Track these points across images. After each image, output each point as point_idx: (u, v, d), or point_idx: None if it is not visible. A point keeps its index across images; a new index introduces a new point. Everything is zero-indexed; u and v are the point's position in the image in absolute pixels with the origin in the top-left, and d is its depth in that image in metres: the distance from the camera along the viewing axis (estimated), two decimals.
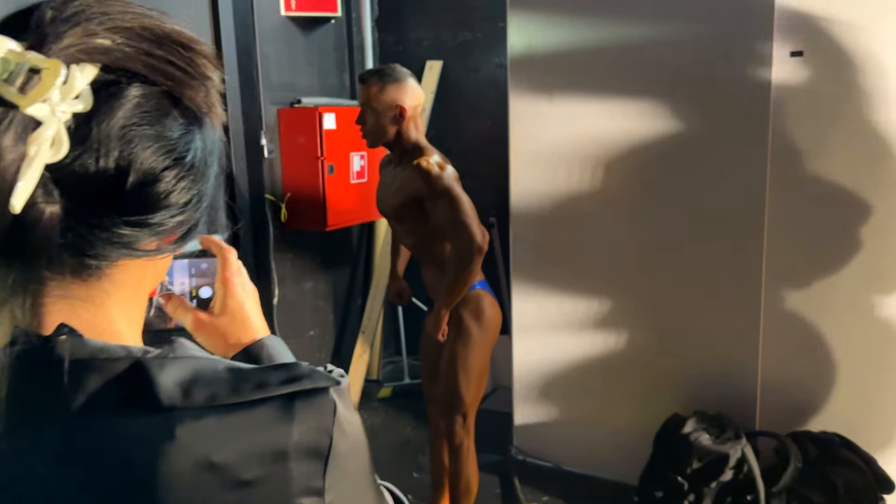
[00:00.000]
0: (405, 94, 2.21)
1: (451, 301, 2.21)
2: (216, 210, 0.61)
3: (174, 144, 0.52)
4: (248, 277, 0.79)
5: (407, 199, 2.21)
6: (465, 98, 3.91)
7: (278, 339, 0.77)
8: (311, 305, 3.69)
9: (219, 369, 0.52)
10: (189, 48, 0.54)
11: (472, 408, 2.31)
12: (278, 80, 3.40)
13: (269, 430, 0.51)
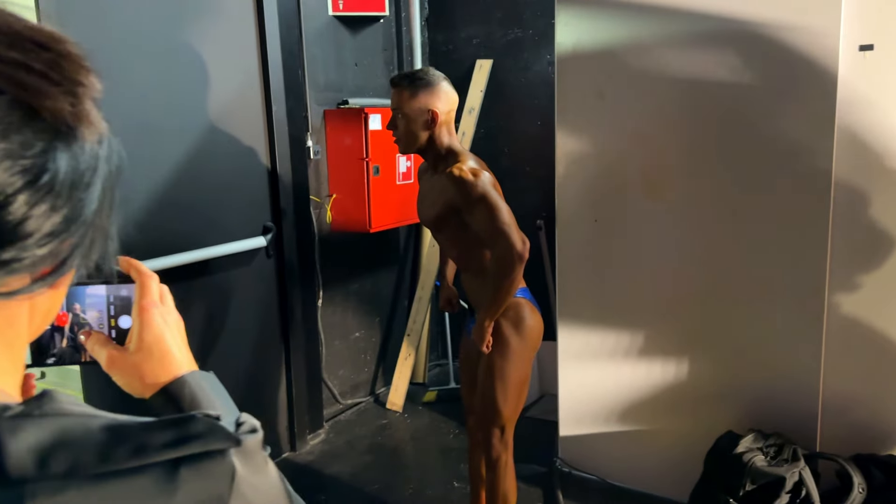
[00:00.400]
0: (437, 99, 2.13)
1: (494, 312, 2.12)
2: (105, 235, 0.53)
3: (29, 164, 0.44)
4: (174, 305, 0.71)
5: (444, 210, 2.14)
6: (516, 96, 3.82)
7: (206, 374, 0.68)
8: (356, 307, 3.66)
9: (92, 429, 0.44)
10: (49, 48, 0.47)
11: (510, 421, 2.22)
12: (325, 80, 3.38)
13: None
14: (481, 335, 2.15)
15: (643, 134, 2.64)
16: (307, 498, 2.57)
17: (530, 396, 3.72)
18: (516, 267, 2.03)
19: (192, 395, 0.65)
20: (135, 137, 2.50)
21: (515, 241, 2.01)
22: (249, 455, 0.47)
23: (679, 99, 2.55)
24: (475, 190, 2.02)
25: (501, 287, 2.07)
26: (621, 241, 2.75)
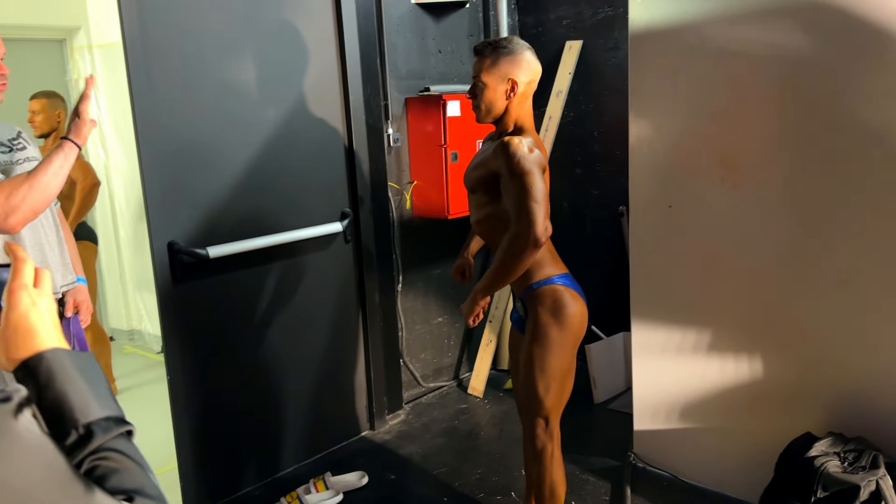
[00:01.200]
0: (518, 69, 2.09)
1: (489, 285, 2.08)
2: None
3: None
4: (49, 290, 0.75)
5: (486, 173, 2.12)
6: (605, 78, 3.69)
7: (69, 351, 0.71)
8: (438, 292, 3.70)
9: None
10: None
11: (554, 411, 2.17)
12: (407, 69, 3.43)
13: None
14: (469, 307, 2.11)
15: (719, 115, 2.48)
16: (378, 475, 2.69)
17: (616, 388, 3.62)
18: (528, 249, 1.97)
19: (48, 370, 0.68)
20: (221, 127, 2.67)
21: (537, 222, 1.95)
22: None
23: (758, 77, 2.37)
24: (522, 163, 1.98)
25: (505, 264, 2.01)
26: (696, 228, 2.61)
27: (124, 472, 0.67)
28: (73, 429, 0.67)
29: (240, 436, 2.86)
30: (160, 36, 2.49)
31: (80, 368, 0.70)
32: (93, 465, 0.66)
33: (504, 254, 2.02)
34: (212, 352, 2.75)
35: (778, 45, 2.31)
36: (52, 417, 0.67)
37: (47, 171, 1.87)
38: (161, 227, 2.55)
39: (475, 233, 2.44)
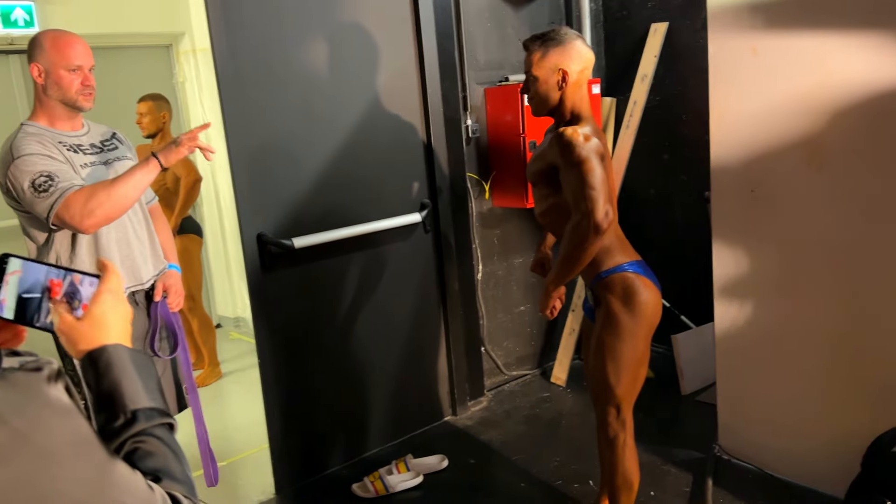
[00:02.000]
0: (568, 58, 2.09)
1: (557, 276, 2.08)
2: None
3: None
4: (126, 301, 0.86)
5: (545, 165, 2.13)
6: (692, 60, 3.57)
7: (129, 349, 0.82)
8: (520, 281, 3.72)
9: None
10: None
11: (625, 400, 2.15)
12: (486, 59, 3.46)
13: None
14: (543, 301, 2.12)
15: (804, 96, 2.37)
16: (458, 460, 2.78)
17: (706, 380, 3.52)
18: (590, 236, 1.95)
19: (107, 361, 0.79)
20: (304, 123, 2.80)
21: (597, 209, 1.94)
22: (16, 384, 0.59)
23: (848, 54, 2.24)
24: (578, 152, 1.98)
25: (570, 254, 2.01)
26: (780, 213, 2.50)
27: (158, 456, 0.76)
28: (121, 413, 0.77)
29: (326, 418, 3.00)
30: (245, 40, 2.63)
31: (136, 364, 0.81)
32: (133, 447, 0.75)
33: (567, 244, 2.02)
34: (300, 337, 2.89)
35: (870, 21, 2.18)
36: (105, 402, 0.78)
37: (127, 183, 2.03)
38: (250, 219, 2.71)
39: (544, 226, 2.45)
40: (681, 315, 3.71)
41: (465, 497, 2.77)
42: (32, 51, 2.11)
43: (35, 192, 1.98)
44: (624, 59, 3.85)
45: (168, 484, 0.73)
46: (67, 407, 0.63)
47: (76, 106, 2.14)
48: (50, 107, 2.13)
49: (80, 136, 2.20)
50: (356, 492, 2.82)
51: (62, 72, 2.09)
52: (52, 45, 2.09)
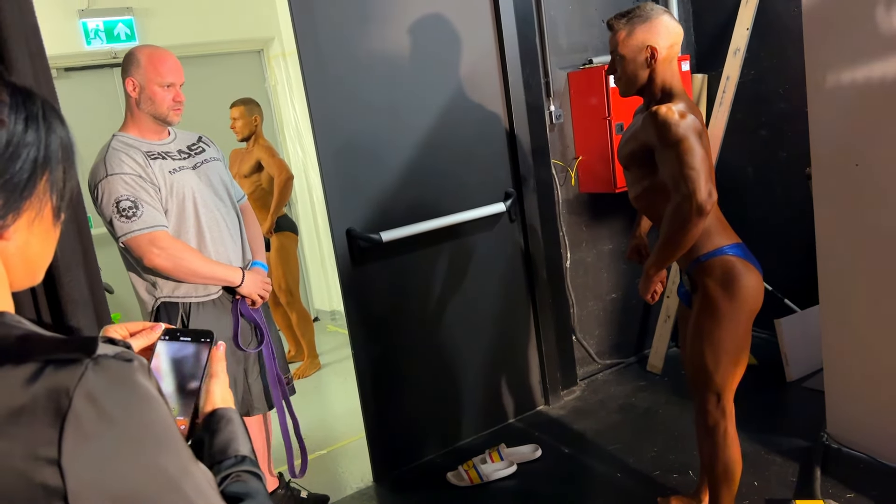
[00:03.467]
0: (656, 34, 2.02)
1: (658, 260, 2.02)
2: (59, 194, 0.76)
3: None
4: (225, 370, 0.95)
5: (638, 147, 2.07)
6: (788, 30, 3.39)
7: (234, 410, 0.91)
8: (610, 268, 3.65)
9: (10, 336, 0.65)
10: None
11: (725, 387, 2.07)
12: (568, 43, 3.40)
13: (17, 388, 0.61)
14: (645, 285, 2.05)
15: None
16: (553, 450, 2.80)
17: (812, 365, 3.34)
18: (692, 218, 1.88)
19: (218, 420, 0.89)
20: (387, 119, 2.85)
21: (699, 189, 1.86)
22: (109, 369, 0.64)
23: None
24: (675, 130, 1.91)
25: (671, 237, 1.94)
26: (888, 188, 2.34)
27: (251, 490, 0.83)
28: (233, 455, 0.85)
29: (420, 407, 3.05)
30: (329, 41, 2.70)
31: (240, 422, 0.91)
32: (234, 480, 0.83)
33: (669, 227, 1.96)
34: (391, 329, 2.95)
35: None
36: (219, 449, 0.86)
37: (208, 267, 2.25)
38: (339, 215, 2.78)
39: (639, 210, 2.38)
40: (784, 299, 3.54)
41: (559, 486, 2.76)
42: (128, 66, 2.24)
43: (117, 213, 2.13)
44: (714, 34, 3.70)
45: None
46: (156, 398, 0.67)
47: (166, 120, 2.27)
48: (141, 119, 2.26)
49: (168, 144, 2.33)
50: (451, 480, 2.86)
51: (156, 88, 2.21)
52: (148, 61, 2.22)
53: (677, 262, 2.17)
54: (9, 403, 0.61)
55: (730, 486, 2.17)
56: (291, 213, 5.25)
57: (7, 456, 0.60)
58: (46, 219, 0.75)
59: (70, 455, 0.61)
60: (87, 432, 0.61)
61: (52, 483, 0.60)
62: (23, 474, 0.60)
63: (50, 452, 0.60)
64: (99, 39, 4.43)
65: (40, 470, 0.60)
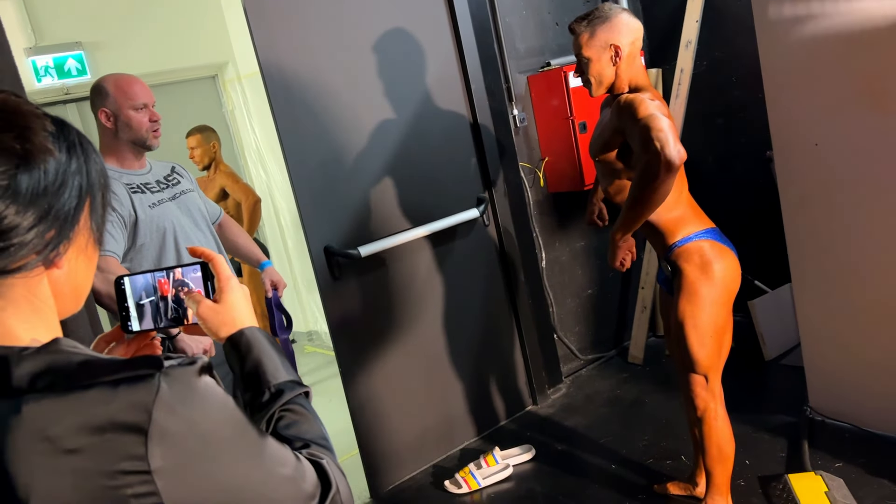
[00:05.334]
0: (617, 33, 2.08)
1: (624, 223, 2.04)
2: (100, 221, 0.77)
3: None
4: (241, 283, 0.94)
5: (610, 135, 2.12)
6: (736, 19, 3.49)
7: (261, 330, 0.91)
8: (585, 265, 3.70)
9: (71, 362, 0.66)
10: (4, 111, 0.67)
11: (712, 368, 2.13)
12: (525, 47, 3.45)
13: (93, 409, 0.63)
14: (612, 252, 2.09)
15: (860, 37, 2.29)
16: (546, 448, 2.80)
17: (788, 343, 3.44)
18: (661, 173, 1.89)
19: (247, 343, 0.89)
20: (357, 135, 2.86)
21: (668, 144, 1.88)
22: (177, 378, 0.67)
23: None
24: (643, 108, 1.96)
25: (639, 196, 1.96)
26: (847, 163, 2.43)
27: (303, 423, 0.86)
28: (266, 388, 0.87)
29: (412, 418, 3.05)
30: (291, 61, 2.70)
31: (270, 343, 0.91)
32: (280, 416, 0.85)
33: (637, 184, 1.97)
34: (376, 343, 2.95)
35: None
36: (250, 381, 0.88)
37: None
38: (316, 233, 2.77)
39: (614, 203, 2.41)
40: (754, 280, 3.63)
41: (556, 483, 2.78)
42: (96, 98, 2.21)
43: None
44: (665, 28, 3.79)
45: (311, 448, 0.82)
46: (221, 394, 0.71)
47: (146, 144, 2.25)
48: (120, 148, 2.24)
49: (146, 175, 2.30)
50: (449, 488, 2.86)
51: (130, 112, 2.20)
52: (115, 88, 2.20)
53: (655, 250, 2.22)
54: (87, 423, 0.63)
55: (725, 466, 2.22)
56: (260, 237, 5.21)
57: (90, 473, 0.63)
58: (90, 245, 0.77)
59: (160, 465, 0.64)
60: (173, 441, 0.65)
61: (143, 490, 0.64)
62: (108, 489, 0.63)
63: (138, 466, 0.63)
64: (50, 76, 4.35)
65: (128, 483, 0.63)
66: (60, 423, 0.63)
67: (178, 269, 0.93)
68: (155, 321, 0.93)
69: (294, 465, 0.76)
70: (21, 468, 0.62)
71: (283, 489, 0.73)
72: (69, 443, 0.63)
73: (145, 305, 0.92)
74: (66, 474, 0.63)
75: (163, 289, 0.93)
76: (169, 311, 0.93)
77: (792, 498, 2.31)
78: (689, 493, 2.49)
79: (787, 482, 2.39)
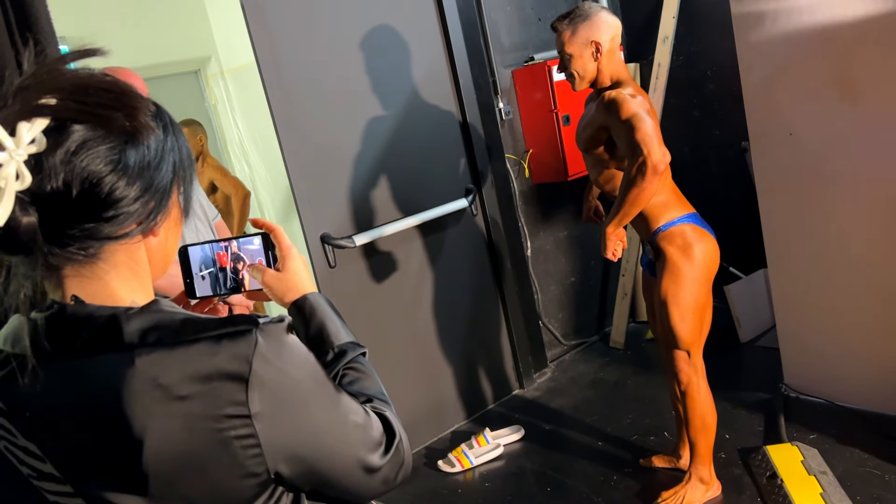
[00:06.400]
0: (598, 30, 2.21)
1: (615, 218, 2.16)
2: (188, 195, 0.85)
3: (109, 158, 0.72)
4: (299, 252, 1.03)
5: (595, 130, 2.25)
6: (711, 15, 3.63)
7: (323, 295, 1.00)
8: (568, 253, 3.82)
9: (175, 319, 0.74)
10: (110, 91, 0.73)
11: (694, 345, 2.26)
12: (510, 42, 3.56)
13: (200, 360, 0.72)
14: (605, 244, 2.21)
15: (829, 31, 2.43)
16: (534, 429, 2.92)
17: (763, 326, 3.59)
18: (647, 176, 2.04)
19: (311, 308, 0.98)
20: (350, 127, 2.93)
21: (653, 150, 2.03)
22: (271, 333, 0.75)
23: None
24: (627, 107, 2.09)
25: (627, 195, 2.10)
26: (819, 152, 2.58)
27: (365, 380, 0.94)
28: (330, 349, 0.95)
29: (404, 403, 3.14)
30: (286, 54, 2.77)
31: (331, 307, 0.99)
32: (344, 373, 0.94)
33: (624, 186, 2.11)
34: (369, 329, 3.03)
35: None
36: (315, 342, 0.96)
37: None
38: (312, 223, 2.85)
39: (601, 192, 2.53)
40: (729, 267, 3.78)
41: (545, 461, 2.89)
42: None
43: None
44: (642, 23, 3.92)
45: (373, 402, 0.90)
46: (305, 350, 0.80)
47: None
48: None
49: None
50: (442, 468, 2.96)
51: None
52: None
53: (639, 234, 2.35)
54: (195, 373, 0.71)
55: (707, 436, 2.35)
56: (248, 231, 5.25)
57: (199, 417, 0.71)
58: (179, 216, 0.85)
59: (258, 409, 0.73)
60: (269, 389, 0.73)
61: (244, 432, 0.72)
62: (215, 431, 0.71)
63: (240, 410, 0.72)
64: None
65: (232, 426, 0.72)
66: (171, 372, 0.71)
67: (235, 241, 1.01)
68: (214, 289, 1.01)
69: (363, 416, 0.84)
70: (137, 411, 0.70)
71: (356, 435, 0.82)
72: (180, 390, 0.70)
73: (205, 276, 1.00)
74: (177, 417, 0.71)
75: (221, 261, 1.01)
76: (228, 282, 1.01)
77: (770, 467, 2.45)
78: (674, 465, 2.62)
79: (766, 453, 2.53)
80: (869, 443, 2.51)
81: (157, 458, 0.70)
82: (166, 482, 0.72)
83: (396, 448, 0.86)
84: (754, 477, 2.48)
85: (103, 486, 0.73)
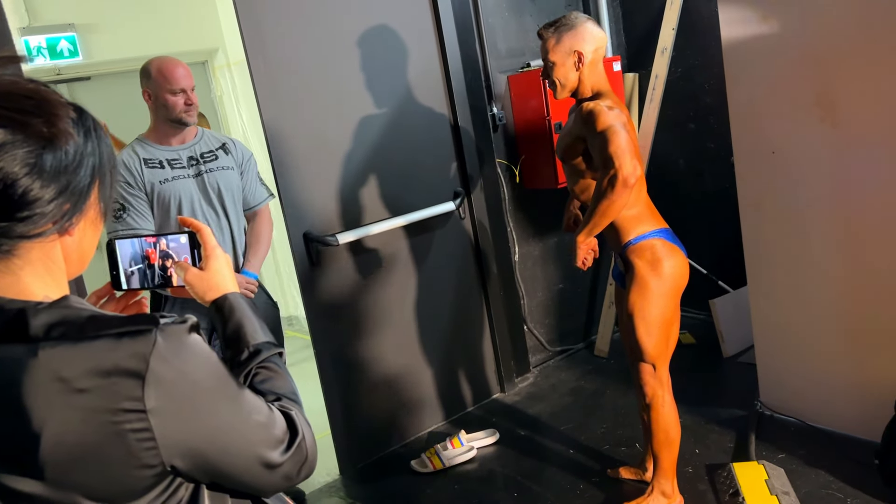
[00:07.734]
0: (582, 40, 2.23)
1: (585, 228, 2.19)
2: (108, 197, 0.88)
3: (26, 161, 0.76)
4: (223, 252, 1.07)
5: (573, 140, 2.28)
6: (711, 29, 3.62)
7: (242, 296, 1.04)
8: (557, 260, 3.84)
9: (81, 316, 0.78)
10: (31, 98, 0.77)
11: (660, 358, 2.28)
12: (506, 48, 3.57)
13: (101, 356, 0.76)
14: (575, 253, 2.24)
15: (813, 54, 2.44)
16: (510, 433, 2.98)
17: (747, 341, 3.59)
18: (617, 189, 2.08)
19: (230, 307, 1.02)
20: (339, 126, 2.97)
21: (625, 164, 2.06)
22: (171, 333, 0.79)
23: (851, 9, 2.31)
24: (602, 119, 2.12)
25: (598, 206, 2.13)
26: (800, 171, 2.58)
27: (277, 379, 0.99)
28: (245, 348, 1.00)
29: (383, 402, 3.18)
30: (278, 50, 2.81)
31: (249, 307, 1.04)
32: (257, 372, 0.98)
33: (597, 198, 2.15)
34: (351, 327, 3.07)
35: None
36: (232, 340, 1.01)
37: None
38: (295, 220, 2.89)
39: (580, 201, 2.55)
40: (718, 280, 3.79)
41: (517, 466, 2.92)
42: (142, 78, 2.47)
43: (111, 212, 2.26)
44: (643, 35, 3.93)
45: (282, 401, 0.94)
46: (207, 349, 0.84)
47: (181, 121, 2.47)
48: (158, 123, 2.50)
49: (180, 151, 2.51)
50: (415, 468, 2.99)
51: (167, 95, 2.43)
52: (157, 72, 2.43)
53: (612, 246, 2.37)
54: (95, 368, 0.75)
55: (671, 450, 2.36)
56: None
57: (97, 410, 0.75)
58: (97, 217, 0.89)
59: (154, 405, 0.77)
60: (165, 387, 0.77)
61: (139, 426, 0.76)
62: (111, 423, 0.75)
63: (136, 405, 0.76)
64: (42, 56, 4.42)
65: (128, 419, 0.76)
66: (73, 366, 0.75)
67: (164, 238, 1.05)
68: (142, 284, 1.05)
69: (266, 414, 0.88)
70: (37, 403, 0.74)
71: (257, 433, 0.86)
72: (80, 383, 0.74)
73: (135, 270, 1.04)
74: (76, 410, 0.75)
75: (150, 257, 1.05)
76: (156, 278, 1.05)
77: (734, 484, 2.46)
78: (640, 477, 2.64)
79: (731, 470, 2.54)
80: (836, 466, 2.51)
81: (56, 447, 0.75)
82: (64, 470, 0.76)
83: (298, 445, 0.90)
84: (717, 494, 2.49)
85: (2, 470, 0.77)
